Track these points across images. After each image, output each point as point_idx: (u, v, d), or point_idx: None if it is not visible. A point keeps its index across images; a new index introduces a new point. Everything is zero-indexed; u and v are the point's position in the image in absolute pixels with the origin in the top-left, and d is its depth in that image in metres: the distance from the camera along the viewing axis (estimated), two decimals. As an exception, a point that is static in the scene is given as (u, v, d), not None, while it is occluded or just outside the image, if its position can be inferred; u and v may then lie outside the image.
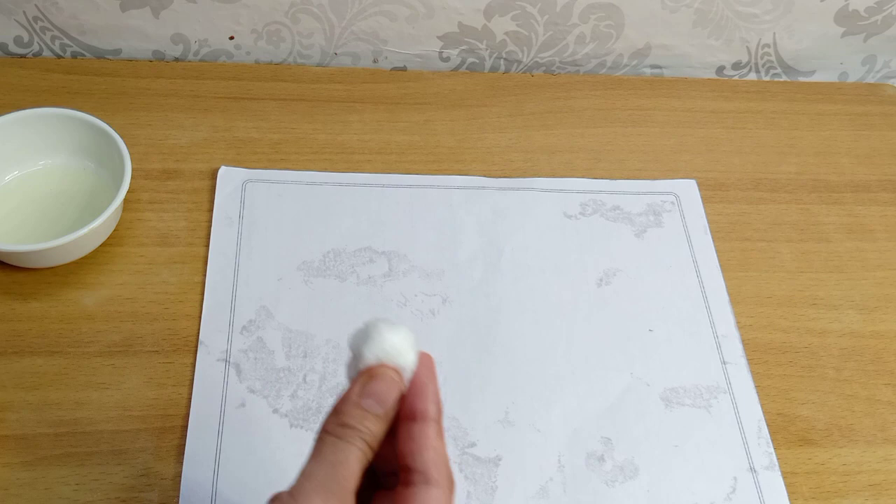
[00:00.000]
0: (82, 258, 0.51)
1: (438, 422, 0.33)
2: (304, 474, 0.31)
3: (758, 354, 0.53)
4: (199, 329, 0.49)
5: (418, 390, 0.33)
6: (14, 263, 0.50)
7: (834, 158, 0.65)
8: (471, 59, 0.68)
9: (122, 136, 0.50)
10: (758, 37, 0.69)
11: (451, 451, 0.47)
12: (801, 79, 0.73)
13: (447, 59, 0.68)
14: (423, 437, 0.33)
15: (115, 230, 0.53)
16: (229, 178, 0.56)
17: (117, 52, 0.64)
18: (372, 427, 0.32)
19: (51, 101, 0.59)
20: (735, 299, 0.55)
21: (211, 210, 0.55)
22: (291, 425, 0.46)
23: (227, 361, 0.48)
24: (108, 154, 0.52)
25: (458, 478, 0.46)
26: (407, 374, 0.33)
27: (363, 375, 0.33)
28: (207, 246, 0.53)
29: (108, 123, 0.52)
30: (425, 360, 0.34)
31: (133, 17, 0.62)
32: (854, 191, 0.63)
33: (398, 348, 0.33)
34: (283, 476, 0.45)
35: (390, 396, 0.32)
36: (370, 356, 0.32)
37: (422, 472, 0.32)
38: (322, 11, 0.63)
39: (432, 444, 0.33)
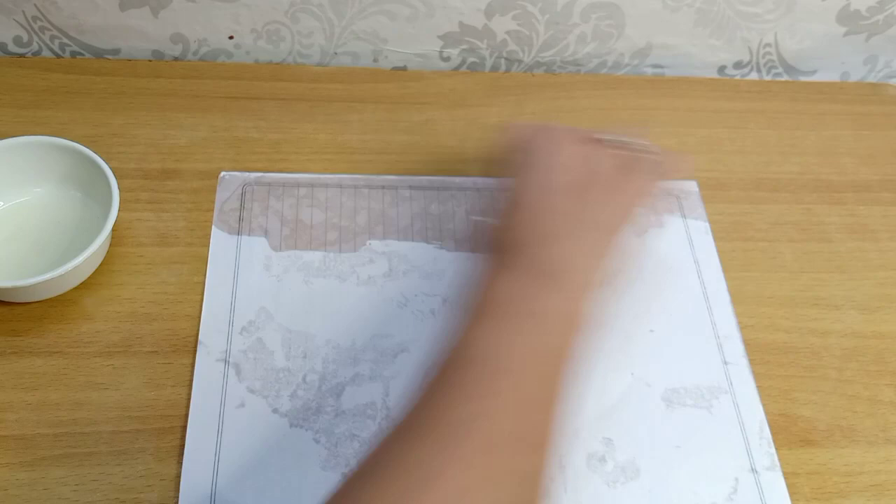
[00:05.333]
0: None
1: None
2: None
3: (759, 355, 0.53)
4: (198, 329, 0.49)
5: None
6: (4, 299, 0.49)
7: (836, 158, 0.65)
8: (471, 59, 0.68)
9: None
10: (759, 36, 0.69)
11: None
12: (803, 78, 0.73)
13: (448, 59, 0.68)
14: None
15: (114, 230, 0.52)
16: (230, 179, 0.56)
17: (116, 51, 0.64)
18: None
19: (50, 100, 0.59)
20: (736, 299, 0.55)
21: (210, 210, 0.55)
22: (291, 425, 0.46)
23: (226, 362, 0.48)
24: (95, 182, 0.51)
25: (458, 478, 0.46)
26: None
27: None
28: (207, 246, 0.53)
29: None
30: None
31: (132, 16, 0.62)
32: (856, 191, 0.63)
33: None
34: (282, 476, 0.45)
35: None
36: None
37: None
38: (322, 11, 0.62)
39: None
